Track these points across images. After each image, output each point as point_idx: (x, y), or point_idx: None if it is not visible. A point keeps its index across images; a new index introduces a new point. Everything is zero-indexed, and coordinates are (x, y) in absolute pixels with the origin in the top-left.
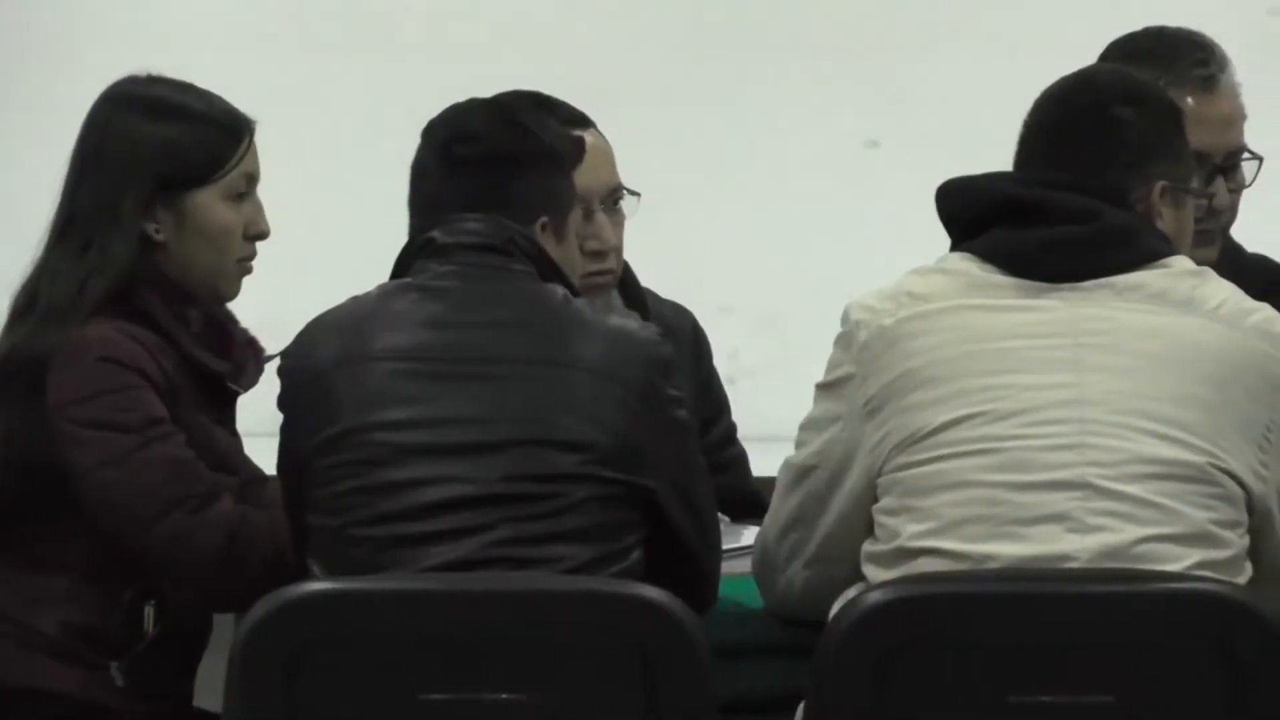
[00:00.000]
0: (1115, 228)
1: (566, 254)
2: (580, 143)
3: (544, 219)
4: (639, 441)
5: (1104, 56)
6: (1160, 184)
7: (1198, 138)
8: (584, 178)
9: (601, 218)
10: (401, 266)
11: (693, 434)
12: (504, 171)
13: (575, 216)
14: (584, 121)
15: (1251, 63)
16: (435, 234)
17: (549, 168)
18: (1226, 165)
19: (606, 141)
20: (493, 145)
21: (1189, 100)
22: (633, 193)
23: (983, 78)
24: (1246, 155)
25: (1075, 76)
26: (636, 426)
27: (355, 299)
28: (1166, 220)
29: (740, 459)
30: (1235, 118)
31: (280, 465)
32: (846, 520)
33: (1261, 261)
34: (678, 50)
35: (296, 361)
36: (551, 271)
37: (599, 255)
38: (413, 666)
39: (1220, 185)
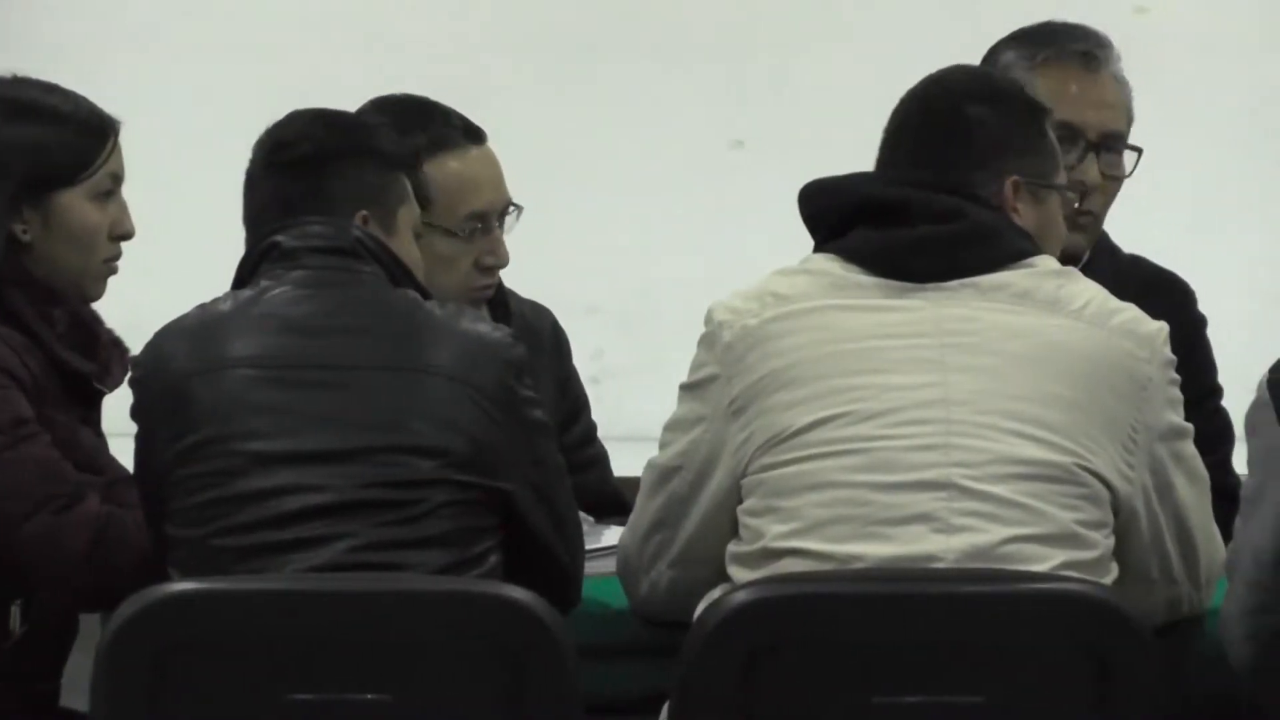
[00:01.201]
0: (979, 227)
1: (399, 250)
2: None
3: (363, 212)
4: (494, 444)
5: (995, 44)
6: (1012, 179)
7: (1073, 111)
8: (487, 194)
9: (498, 234)
10: (245, 271)
11: (549, 434)
12: (317, 169)
13: (407, 214)
14: (477, 134)
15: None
16: (280, 239)
17: (364, 163)
18: (1100, 145)
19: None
20: (306, 146)
21: (1071, 84)
22: (517, 206)
23: (848, 78)
24: (1127, 147)
25: (933, 77)
26: (491, 429)
27: (203, 306)
28: (1025, 217)
29: (601, 458)
30: (1115, 103)
31: (138, 476)
32: (711, 521)
33: (1137, 262)
34: (540, 47)
35: (149, 371)
36: (403, 274)
37: (492, 270)
38: (280, 666)
39: (1091, 163)
